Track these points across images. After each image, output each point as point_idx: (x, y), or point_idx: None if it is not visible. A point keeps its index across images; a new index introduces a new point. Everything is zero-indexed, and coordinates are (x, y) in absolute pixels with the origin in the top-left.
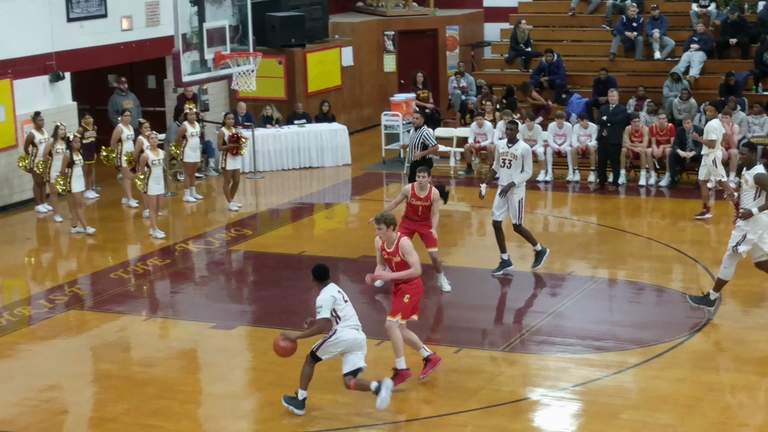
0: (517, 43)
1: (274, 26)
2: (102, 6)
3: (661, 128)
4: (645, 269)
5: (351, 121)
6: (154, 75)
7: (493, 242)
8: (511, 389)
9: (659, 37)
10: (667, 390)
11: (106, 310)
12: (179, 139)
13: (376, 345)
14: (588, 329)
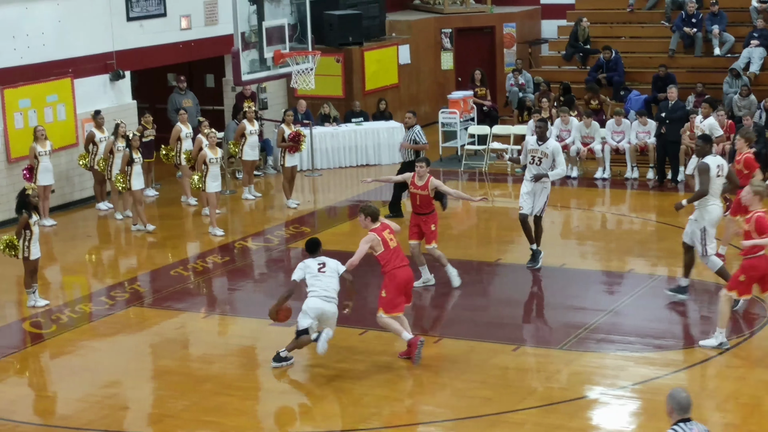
0: (577, 40)
1: (331, 24)
2: (161, 5)
3: (721, 125)
4: (704, 267)
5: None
6: (212, 74)
7: (548, 239)
8: (570, 387)
9: (719, 33)
10: (728, 389)
11: (165, 307)
12: (238, 138)
13: (435, 342)
14: (647, 327)
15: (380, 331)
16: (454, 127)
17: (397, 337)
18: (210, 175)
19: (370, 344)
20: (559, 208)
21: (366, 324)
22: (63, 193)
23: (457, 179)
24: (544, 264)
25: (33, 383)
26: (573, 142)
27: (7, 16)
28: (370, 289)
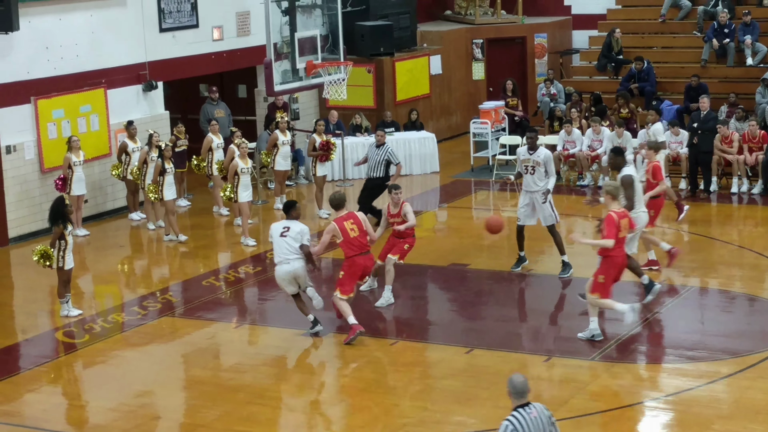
0: (610, 50)
1: (363, 35)
2: (194, 16)
3: (752, 135)
4: (737, 278)
5: (439, 129)
6: (244, 84)
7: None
8: (601, 399)
9: (751, 43)
10: (761, 401)
11: (197, 317)
12: (270, 148)
13: (466, 353)
14: (680, 338)
15: (411, 342)
16: (485, 137)
17: (429, 347)
18: (241, 184)
19: (401, 355)
20: (590, 219)
21: (397, 335)
22: (96, 203)
23: (488, 189)
24: (577, 275)
25: (66, 392)
26: (605, 152)
27: (41, 27)
28: (399, 299)
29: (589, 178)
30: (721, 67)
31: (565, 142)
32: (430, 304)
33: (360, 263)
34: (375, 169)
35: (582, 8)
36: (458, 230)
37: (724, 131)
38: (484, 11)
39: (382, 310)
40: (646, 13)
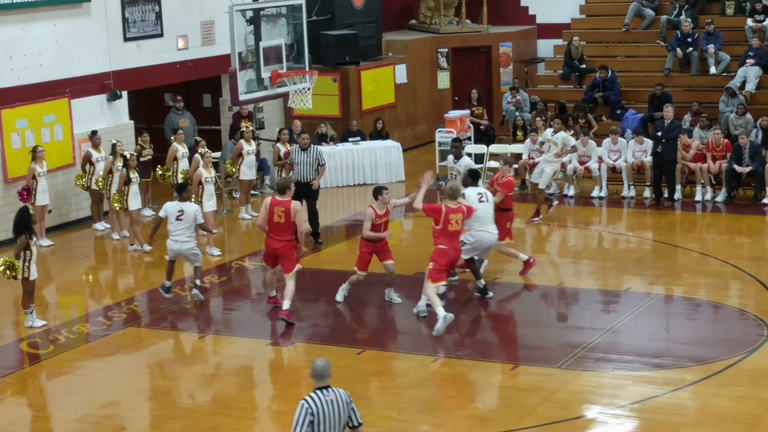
0: (572, 59)
1: (328, 44)
2: (158, 26)
3: (717, 144)
4: (702, 285)
5: (405, 138)
6: (209, 93)
7: (545, 258)
8: (568, 406)
9: (714, 52)
10: (726, 408)
11: (163, 328)
12: (235, 157)
13: (433, 362)
14: (645, 346)
15: (378, 351)
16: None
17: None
18: (206, 194)
19: (367, 364)
20: (556, 227)
21: (364, 344)
22: (60, 213)
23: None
24: (542, 283)
25: (31, 403)
26: (570, 160)
27: (5, 37)
28: (366, 309)
29: (555, 186)
30: (684, 76)
31: (531, 151)
32: (396, 313)
33: (269, 245)
34: (308, 173)
35: (546, 17)
36: (424, 239)
37: (684, 139)
38: (449, 20)
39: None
40: (610, 22)
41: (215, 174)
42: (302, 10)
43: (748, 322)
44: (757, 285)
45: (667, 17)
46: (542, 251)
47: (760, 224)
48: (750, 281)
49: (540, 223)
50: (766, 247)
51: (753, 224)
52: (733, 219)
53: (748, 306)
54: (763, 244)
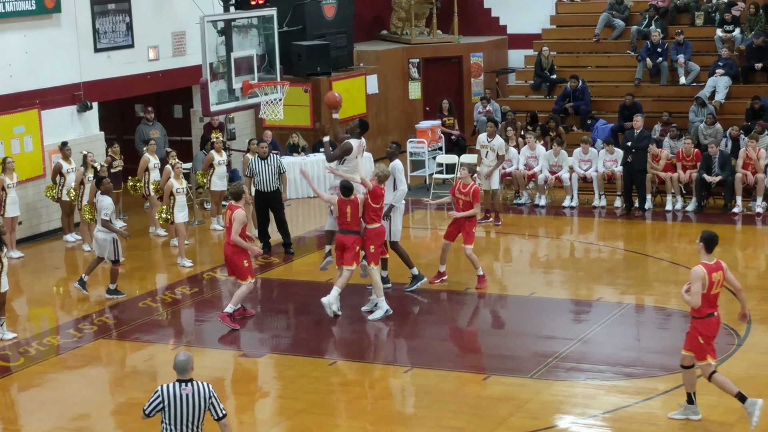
0: (542, 69)
1: (300, 55)
2: (129, 36)
3: (687, 153)
4: (673, 294)
5: (376, 149)
6: (180, 104)
7: (517, 268)
8: (541, 416)
9: (684, 62)
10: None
11: (134, 339)
12: (206, 168)
13: (405, 372)
14: (617, 355)
15: (350, 361)
16: (422, 157)
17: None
18: (177, 205)
19: (340, 375)
20: (527, 237)
21: (336, 355)
22: (31, 224)
23: (425, 208)
24: (514, 293)
25: (2, 416)
26: (541, 170)
27: None
28: (337, 319)
29: (526, 196)
30: (654, 86)
31: None
32: (368, 323)
33: (225, 250)
34: (269, 182)
35: (517, 28)
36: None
37: (654, 150)
38: (420, 31)
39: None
40: (580, 32)
41: (187, 185)
42: (273, 20)
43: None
44: (727, 294)
45: (637, 28)
46: (510, 261)
47: (730, 233)
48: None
49: (499, 226)
50: (736, 256)
51: (723, 233)
52: (704, 228)
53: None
54: (733, 253)
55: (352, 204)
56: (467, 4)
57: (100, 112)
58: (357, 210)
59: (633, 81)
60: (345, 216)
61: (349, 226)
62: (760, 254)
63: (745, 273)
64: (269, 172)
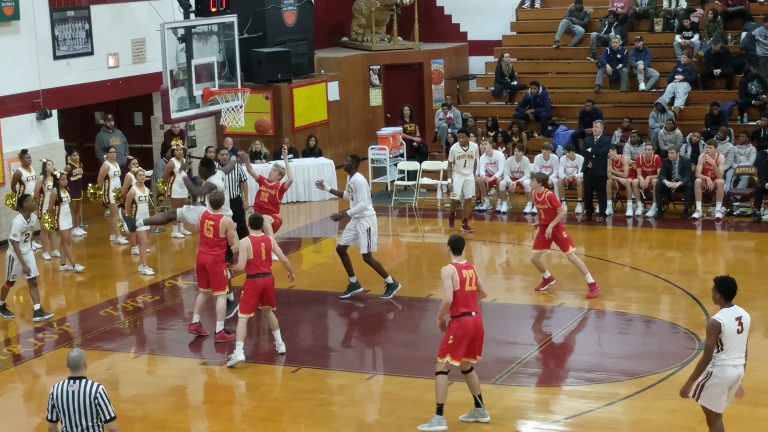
0: (503, 75)
1: (260, 62)
2: (88, 43)
3: (647, 159)
4: (634, 300)
5: (338, 155)
6: (140, 112)
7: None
8: (503, 422)
9: (644, 68)
10: (660, 421)
11: (95, 348)
12: (167, 176)
13: (368, 379)
14: (579, 361)
15: (313, 369)
16: (383, 163)
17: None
18: (139, 213)
19: (302, 382)
20: (489, 243)
21: (298, 362)
22: None
23: (387, 215)
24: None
25: None
26: (502, 176)
27: None
28: (300, 326)
29: (488, 202)
30: (614, 92)
31: None
32: (330, 330)
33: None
34: (231, 190)
35: (478, 34)
36: (358, 256)
37: (614, 155)
38: (380, 38)
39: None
40: (540, 39)
41: (149, 192)
42: (234, 27)
43: (680, 335)
44: (688, 299)
45: (597, 34)
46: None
47: (690, 238)
48: (681, 295)
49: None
50: (696, 261)
51: (683, 238)
52: (664, 233)
53: (679, 320)
54: (693, 258)
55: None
56: (428, 11)
57: (60, 120)
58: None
59: (593, 87)
60: (260, 256)
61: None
62: (720, 259)
63: (704, 278)
64: (230, 180)
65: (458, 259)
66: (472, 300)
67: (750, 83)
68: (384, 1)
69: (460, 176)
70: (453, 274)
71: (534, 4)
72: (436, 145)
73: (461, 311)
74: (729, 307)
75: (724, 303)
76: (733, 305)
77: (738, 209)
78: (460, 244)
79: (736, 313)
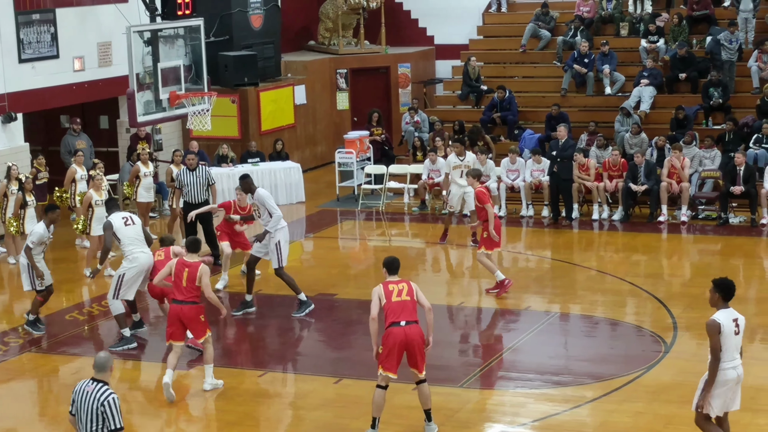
0: (469, 79)
1: (227, 65)
2: (54, 47)
3: (613, 163)
4: (600, 303)
5: (305, 159)
6: (106, 115)
7: (445, 278)
8: (471, 426)
9: (609, 72)
10: (626, 424)
11: (61, 353)
12: (132, 179)
13: (335, 383)
14: (546, 364)
15: (280, 373)
16: (350, 167)
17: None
18: (95, 217)
19: (269, 386)
20: (455, 247)
21: (265, 366)
22: None
23: (354, 218)
24: (443, 302)
25: None
26: None
27: None
28: (267, 330)
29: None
30: (580, 96)
31: (430, 171)
32: (297, 334)
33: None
34: (198, 194)
35: (444, 38)
36: (325, 260)
37: (581, 159)
38: (347, 41)
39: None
40: (507, 43)
41: (105, 196)
42: (200, 31)
43: (646, 338)
44: (653, 302)
45: (563, 38)
46: (439, 270)
47: (655, 242)
48: (647, 298)
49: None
50: (662, 264)
51: (649, 242)
52: (630, 237)
53: (645, 323)
54: (659, 261)
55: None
56: (394, 15)
57: (25, 123)
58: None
59: (559, 91)
60: (180, 281)
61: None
62: (685, 262)
63: (670, 281)
64: (198, 184)
65: (392, 278)
66: (402, 311)
67: (713, 88)
68: (351, 5)
69: (457, 187)
70: (379, 292)
71: (501, 8)
72: (403, 148)
73: (390, 321)
74: (726, 309)
75: (722, 304)
76: (729, 307)
77: (703, 213)
78: (395, 264)
79: (733, 314)
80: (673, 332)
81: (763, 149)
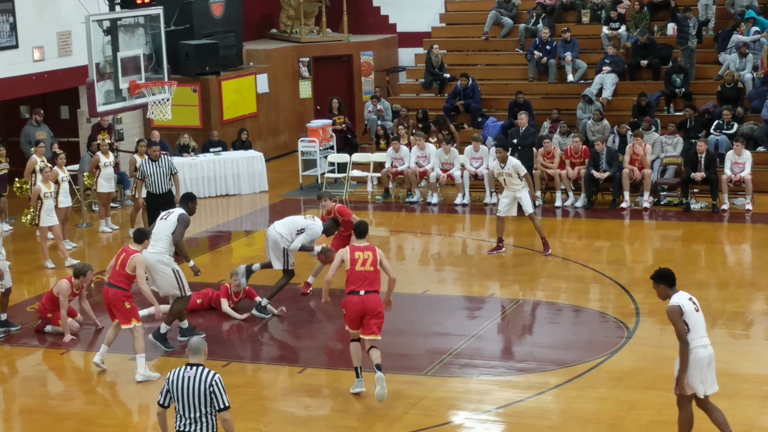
0: (432, 67)
1: (188, 54)
2: (13, 36)
3: (575, 150)
4: (563, 290)
5: (267, 148)
6: (67, 105)
7: (409, 266)
8: (435, 413)
9: (571, 60)
10: (590, 410)
11: (23, 345)
12: (92, 170)
13: (299, 372)
14: (509, 351)
15: (243, 363)
16: (313, 156)
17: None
18: (44, 209)
19: (233, 376)
20: (419, 235)
21: (229, 357)
22: None
23: (317, 207)
24: (407, 291)
25: None
26: (432, 168)
27: None
28: (228, 321)
29: (418, 194)
30: (543, 83)
31: (393, 159)
32: (261, 324)
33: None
34: (162, 184)
35: (407, 26)
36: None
37: (548, 146)
38: (309, 30)
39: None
40: (469, 30)
41: (54, 189)
42: (160, 19)
43: (609, 324)
44: (616, 288)
45: (525, 26)
46: (403, 259)
47: (618, 228)
48: (610, 284)
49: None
50: (624, 251)
51: (612, 228)
52: (593, 224)
53: (608, 309)
54: (621, 248)
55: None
56: (356, 3)
57: None
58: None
59: (523, 79)
60: (115, 265)
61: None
62: (648, 248)
63: (633, 267)
64: (161, 174)
65: (359, 242)
66: (364, 280)
67: (675, 74)
68: None
69: (508, 193)
70: (344, 256)
71: None
72: (366, 137)
73: (350, 289)
74: (676, 293)
75: (671, 291)
76: (678, 290)
77: (665, 199)
78: (363, 227)
79: (686, 295)
80: (636, 318)
81: (724, 135)
